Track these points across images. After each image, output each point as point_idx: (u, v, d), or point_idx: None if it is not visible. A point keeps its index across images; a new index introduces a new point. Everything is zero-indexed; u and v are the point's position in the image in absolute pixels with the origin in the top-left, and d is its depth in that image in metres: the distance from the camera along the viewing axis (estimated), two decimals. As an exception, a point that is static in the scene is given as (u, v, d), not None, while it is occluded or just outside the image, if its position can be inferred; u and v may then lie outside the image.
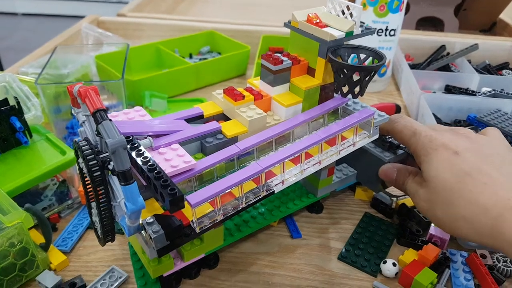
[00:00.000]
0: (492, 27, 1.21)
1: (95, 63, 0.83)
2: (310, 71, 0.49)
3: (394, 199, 0.62)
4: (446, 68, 0.97)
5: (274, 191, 0.43)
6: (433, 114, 0.71)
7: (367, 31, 0.49)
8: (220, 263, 0.52)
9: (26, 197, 0.54)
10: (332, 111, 0.51)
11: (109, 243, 0.53)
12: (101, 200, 0.36)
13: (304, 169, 0.44)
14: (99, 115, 0.31)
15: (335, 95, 0.51)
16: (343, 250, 0.54)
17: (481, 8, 1.15)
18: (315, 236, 0.56)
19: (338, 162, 0.56)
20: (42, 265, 0.49)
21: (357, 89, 0.47)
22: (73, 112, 0.40)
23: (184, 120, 0.46)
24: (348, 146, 0.48)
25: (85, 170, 0.37)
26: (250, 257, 0.53)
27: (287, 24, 0.50)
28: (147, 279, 0.48)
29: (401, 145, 0.57)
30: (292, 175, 0.44)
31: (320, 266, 0.52)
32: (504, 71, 0.96)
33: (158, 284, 0.47)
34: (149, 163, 0.36)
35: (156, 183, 0.34)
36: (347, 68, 0.44)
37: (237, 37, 1.00)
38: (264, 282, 0.50)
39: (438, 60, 0.97)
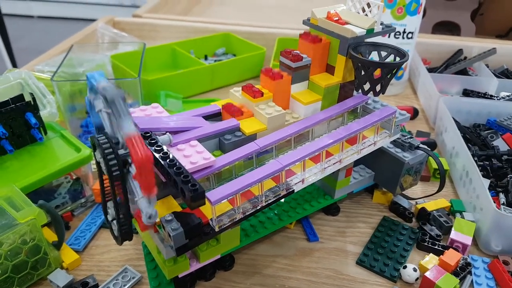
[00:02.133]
0: (509, 33, 1.19)
1: (111, 63, 0.83)
2: (329, 69, 0.48)
3: (413, 202, 0.61)
4: (463, 72, 0.95)
5: (294, 190, 0.42)
6: (452, 117, 0.70)
7: (388, 29, 0.48)
8: (235, 265, 0.51)
9: (39, 194, 0.54)
10: (352, 110, 0.50)
11: (123, 243, 0.53)
12: (118, 197, 0.36)
13: (325, 168, 0.43)
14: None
15: (354, 93, 0.50)
16: (362, 254, 0.52)
17: (498, 13, 1.14)
18: (332, 240, 0.55)
19: (356, 163, 0.55)
20: (54, 264, 0.48)
21: (378, 87, 0.46)
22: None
23: (202, 117, 0.45)
24: (369, 145, 0.46)
25: (103, 166, 0.36)
26: (266, 260, 0.52)
27: (306, 22, 0.50)
28: (161, 280, 0.47)
29: (420, 145, 0.56)
30: (312, 174, 0.43)
31: (338, 270, 0.51)
32: (523, 76, 0.94)
33: (172, 285, 0.46)
34: (169, 159, 0.35)
35: (177, 179, 0.33)
36: (370, 65, 0.43)
37: (252, 39, 1.00)
38: (280, 286, 0.48)
39: (456, 64, 0.96)
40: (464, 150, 0.61)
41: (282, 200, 0.55)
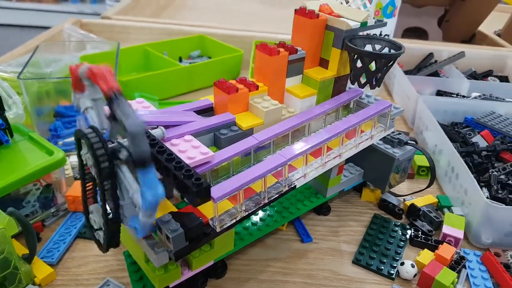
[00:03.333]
0: (472, 39, 1.25)
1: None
2: (323, 63, 0.47)
3: (401, 199, 0.60)
4: (435, 75, 0.98)
5: (295, 185, 0.39)
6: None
7: (379, 23, 0.48)
8: (227, 271, 0.47)
9: (5, 203, 0.48)
10: (345, 105, 0.49)
11: (102, 253, 0.48)
12: (107, 196, 0.32)
13: (325, 162, 0.41)
14: (115, 95, 0.27)
15: (348, 88, 0.49)
16: (357, 253, 0.51)
17: (462, 20, 1.19)
18: (326, 240, 0.53)
19: (345, 161, 0.54)
20: (26, 280, 0.43)
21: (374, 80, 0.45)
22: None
23: (194, 112, 0.42)
24: (366, 139, 0.45)
25: (89, 162, 0.33)
26: (260, 264, 0.49)
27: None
28: (148, 291, 0.43)
29: (409, 141, 0.55)
30: (314, 168, 0.41)
31: (335, 271, 0.49)
32: (489, 78, 0.98)
33: (160, 297, 0.42)
34: (167, 153, 0.32)
35: (178, 174, 0.30)
36: (368, 56, 0.42)
37: (227, 42, 0.97)
38: (277, 290, 0.46)
39: (427, 67, 0.98)
40: (448, 146, 0.61)
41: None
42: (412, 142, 0.56)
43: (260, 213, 0.50)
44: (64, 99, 0.71)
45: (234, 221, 0.35)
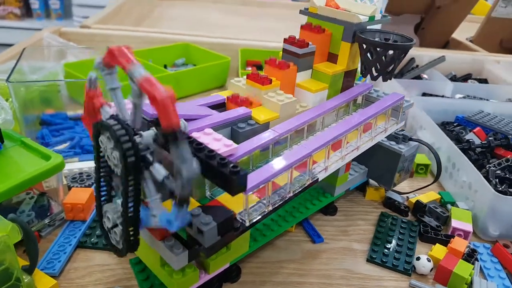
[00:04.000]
0: (446, 45, 1.30)
1: (64, 71, 0.75)
2: (331, 58, 0.47)
3: (405, 197, 0.61)
4: (417, 79, 1.00)
5: (318, 178, 0.38)
6: (424, 116, 0.72)
7: (385, 18, 0.48)
8: (242, 275, 0.45)
9: (-2, 213, 0.45)
10: (354, 101, 0.48)
11: (107, 262, 0.45)
12: (130, 194, 0.30)
13: (345, 155, 0.41)
14: (175, 136, 0.26)
15: (355, 83, 0.49)
16: (370, 251, 0.50)
17: (437, 28, 1.24)
18: (337, 239, 0.52)
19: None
20: (26, 293, 0.39)
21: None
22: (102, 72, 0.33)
23: (207, 107, 0.41)
24: (380, 132, 0.45)
25: (111, 156, 0.30)
26: (273, 266, 0.47)
27: (303, 11, 0.48)
28: (160, 298, 0.40)
29: (413, 137, 0.56)
30: (334, 161, 0.40)
31: (350, 270, 0.48)
32: (469, 81, 1.02)
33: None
34: (196, 143, 0.30)
35: (212, 162, 0.28)
36: (382, 47, 0.42)
37: (213, 50, 0.96)
38: (295, 292, 0.44)
39: (410, 71, 1.01)
40: (447, 142, 0.62)
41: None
42: (416, 138, 0.56)
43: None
44: (49, 107, 0.67)
45: (262, 215, 0.34)
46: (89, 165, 0.58)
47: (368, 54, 0.45)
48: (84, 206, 0.49)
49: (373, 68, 0.44)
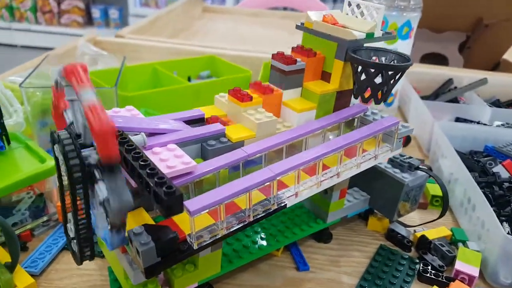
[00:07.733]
0: (495, 67, 1.20)
1: (89, 78, 0.78)
2: (325, 76, 0.45)
3: (411, 230, 0.56)
4: (454, 101, 0.93)
5: (286, 204, 0.36)
6: (448, 143, 0.66)
7: (388, 35, 0.45)
8: (214, 295, 0.44)
9: (-3, 210, 0.47)
10: (348, 122, 0.46)
11: (87, 267, 0.46)
12: (78, 204, 0.30)
13: (321, 181, 0.38)
14: (110, 167, 0.26)
15: (352, 103, 0.46)
16: (358, 286, 0.46)
17: (485, 47, 1.15)
18: (325, 269, 0.49)
19: (349, 185, 0.51)
20: (5, 289, 0.41)
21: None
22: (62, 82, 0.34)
23: (183, 121, 0.40)
24: (369, 159, 0.42)
25: (62, 167, 0.31)
26: (250, 290, 0.45)
27: (299, 26, 0.46)
28: (128, 310, 0.40)
29: (421, 166, 0.51)
30: (307, 187, 0.38)
31: (332, 304, 0.45)
32: (513, 107, 0.93)
33: (139, 318, 0.39)
34: (142, 159, 0.30)
35: (150, 181, 0.27)
36: (373, 67, 0.39)
37: (237, 63, 0.96)
38: (266, 321, 0.42)
39: (446, 93, 0.94)
40: (465, 175, 0.57)
41: (269, 222, 0.50)
42: (424, 167, 0.52)
43: (252, 236, 0.47)
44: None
45: (214, 238, 0.32)
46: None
47: (364, 74, 0.42)
48: (74, 210, 0.51)
49: (366, 90, 0.42)
